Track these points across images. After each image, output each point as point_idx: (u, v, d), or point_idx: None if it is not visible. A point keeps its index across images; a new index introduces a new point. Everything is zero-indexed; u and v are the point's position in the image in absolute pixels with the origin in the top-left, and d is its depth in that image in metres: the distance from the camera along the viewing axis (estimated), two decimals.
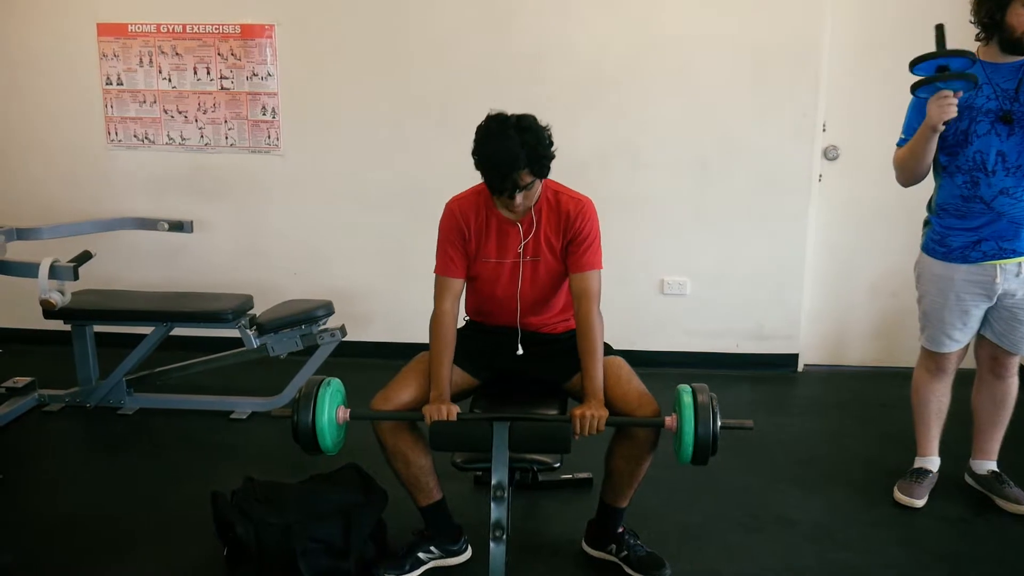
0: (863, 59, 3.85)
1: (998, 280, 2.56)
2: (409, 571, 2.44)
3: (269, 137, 4.13)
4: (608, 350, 2.42)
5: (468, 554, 2.54)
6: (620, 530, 2.50)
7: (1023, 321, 2.62)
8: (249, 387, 3.73)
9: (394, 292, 4.21)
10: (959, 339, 2.71)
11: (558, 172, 2.46)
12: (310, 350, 3.56)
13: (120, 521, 2.73)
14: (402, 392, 2.34)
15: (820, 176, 3.98)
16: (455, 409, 2.24)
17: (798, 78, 3.84)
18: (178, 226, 4.01)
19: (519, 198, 2.24)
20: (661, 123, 3.95)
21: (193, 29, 4.03)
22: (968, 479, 2.93)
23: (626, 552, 2.46)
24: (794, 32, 3.80)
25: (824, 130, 3.92)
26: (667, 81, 3.90)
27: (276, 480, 2.57)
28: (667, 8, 3.83)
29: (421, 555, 2.47)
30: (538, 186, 2.30)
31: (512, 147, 2.15)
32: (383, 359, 4.18)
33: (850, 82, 3.86)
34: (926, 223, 2.71)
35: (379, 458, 2.38)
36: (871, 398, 3.82)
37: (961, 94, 2.41)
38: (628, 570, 2.44)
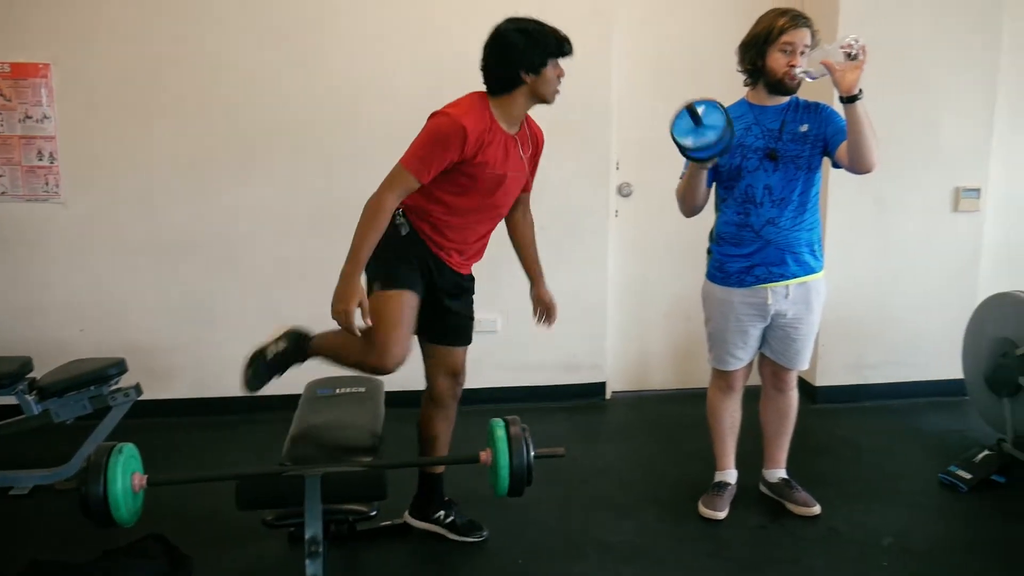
0: (649, 101, 4.11)
1: (770, 302, 2.80)
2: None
3: (47, 184, 3.82)
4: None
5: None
6: (447, 499, 2.79)
7: (795, 339, 2.88)
8: (31, 459, 3.37)
9: (197, 344, 3.99)
10: (742, 357, 2.93)
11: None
12: (102, 413, 3.29)
13: None
14: (403, 339, 2.47)
15: (616, 212, 4.20)
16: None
17: (592, 121, 4.05)
18: None
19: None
20: None
21: None
22: (762, 488, 3.15)
23: (452, 517, 2.77)
24: (586, 77, 3.99)
25: (618, 168, 4.15)
26: None
27: (66, 560, 2.35)
28: (472, 53, 3.92)
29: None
30: None
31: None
32: (187, 416, 3.99)
33: (639, 123, 4.11)
34: (708, 251, 2.93)
35: (184, 523, 2.23)
36: (673, 419, 4.04)
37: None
38: (452, 536, 2.75)
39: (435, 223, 2.55)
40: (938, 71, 4.00)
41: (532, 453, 2.12)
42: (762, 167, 2.71)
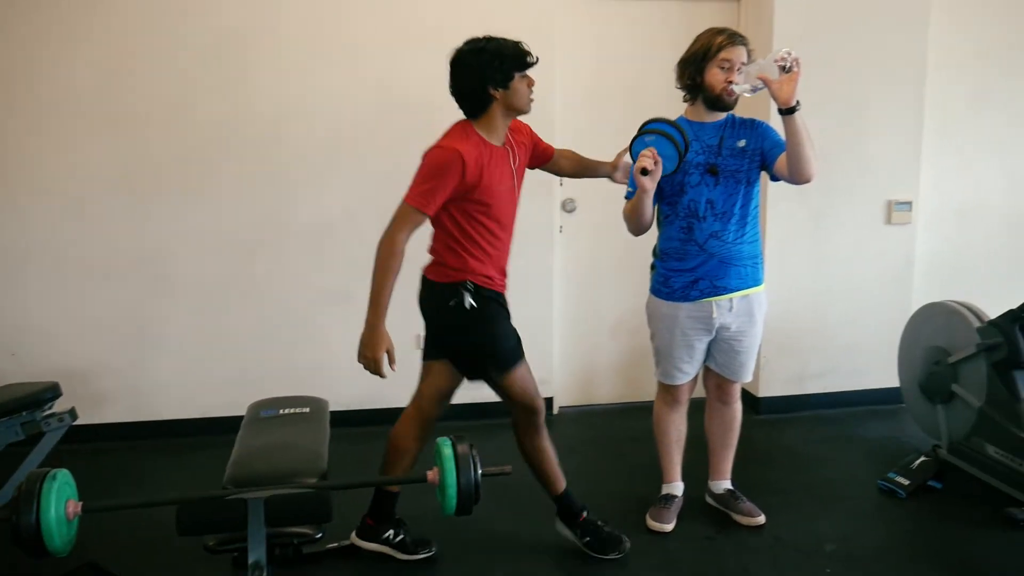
0: (591, 120, 4.17)
1: (715, 315, 2.84)
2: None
3: None
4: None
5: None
6: (398, 518, 2.77)
7: (739, 352, 2.93)
8: None
9: (134, 367, 3.89)
10: (688, 371, 2.97)
11: (305, 230, 2.42)
12: (35, 439, 3.18)
13: None
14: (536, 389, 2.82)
15: (561, 228, 4.22)
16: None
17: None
18: None
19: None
20: (406, 181, 3.99)
21: None
22: (708, 499, 3.19)
23: (402, 536, 2.75)
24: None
25: (561, 184, 4.17)
26: (411, 141, 3.94)
27: None
28: (410, 71, 3.92)
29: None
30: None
31: None
32: (124, 441, 3.87)
33: (581, 141, 4.14)
34: (652, 267, 2.97)
35: (123, 550, 2.16)
36: (620, 433, 4.06)
37: (661, 162, 2.57)
38: (400, 555, 2.74)
39: (483, 245, 2.60)
40: (868, 88, 4.13)
41: (479, 472, 2.11)
42: (703, 182, 2.76)
